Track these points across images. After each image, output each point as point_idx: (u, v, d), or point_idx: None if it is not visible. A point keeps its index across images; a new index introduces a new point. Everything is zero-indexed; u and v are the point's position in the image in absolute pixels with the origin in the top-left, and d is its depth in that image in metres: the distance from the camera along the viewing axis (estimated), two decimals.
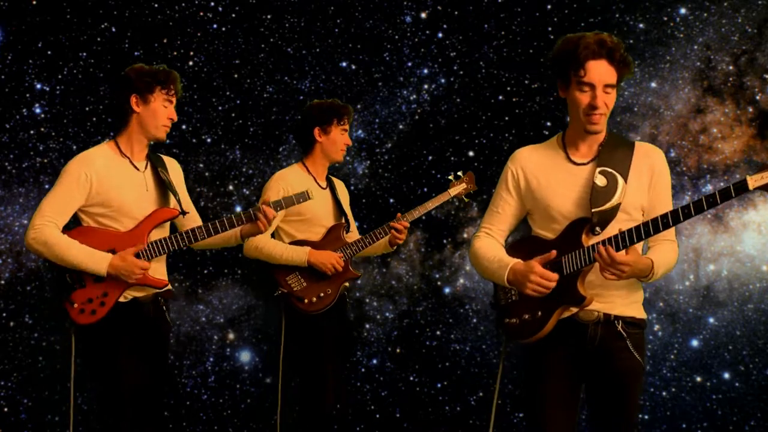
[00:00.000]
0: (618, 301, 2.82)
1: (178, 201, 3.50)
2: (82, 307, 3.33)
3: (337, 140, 4.19)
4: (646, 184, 2.83)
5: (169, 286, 3.57)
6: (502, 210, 2.95)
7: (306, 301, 4.03)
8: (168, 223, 3.49)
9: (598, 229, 2.75)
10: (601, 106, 2.73)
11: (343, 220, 4.23)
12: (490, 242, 2.94)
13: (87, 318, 3.34)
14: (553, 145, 2.92)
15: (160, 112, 3.41)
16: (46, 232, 3.28)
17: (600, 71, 2.70)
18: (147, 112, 3.41)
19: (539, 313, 2.79)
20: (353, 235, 4.31)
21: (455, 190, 4.36)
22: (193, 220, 3.61)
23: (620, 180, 2.78)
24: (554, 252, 2.73)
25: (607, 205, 2.76)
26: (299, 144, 4.30)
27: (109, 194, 3.34)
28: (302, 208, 4.04)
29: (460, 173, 4.40)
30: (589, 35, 2.73)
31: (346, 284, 4.16)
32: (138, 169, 3.44)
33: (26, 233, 3.33)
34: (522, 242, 2.96)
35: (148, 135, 3.45)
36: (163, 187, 3.47)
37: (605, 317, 2.79)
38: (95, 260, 3.29)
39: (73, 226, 3.38)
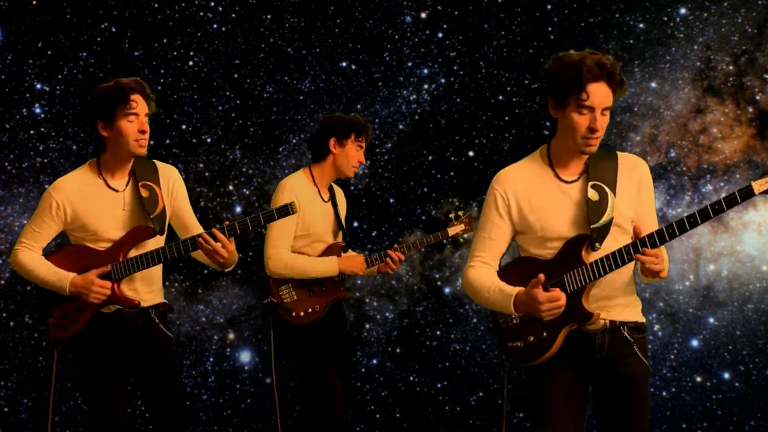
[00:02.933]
0: (620, 308, 2.82)
1: (155, 218, 3.40)
2: (57, 322, 3.40)
3: (351, 155, 4.14)
4: (633, 195, 2.82)
5: (162, 300, 3.55)
6: (495, 236, 2.87)
7: (294, 314, 4.05)
8: (150, 241, 3.42)
9: (597, 244, 2.74)
10: (599, 129, 2.70)
11: (341, 239, 4.25)
12: (485, 271, 2.87)
13: (60, 333, 3.40)
14: (538, 162, 2.87)
15: (126, 130, 3.29)
16: (19, 256, 3.42)
17: (600, 94, 2.67)
18: (114, 134, 3.32)
19: (544, 334, 2.77)
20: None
21: (453, 230, 4.41)
22: (194, 230, 3.54)
23: (610, 194, 2.77)
24: (541, 276, 2.65)
25: (603, 220, 2.75)
26: (312, 151, 4.25)
27: (83, 220, 3.37)
28: (308, 226, 4.06)
29: (460, 213, 4.44)
30: (587, 56, 2.67)
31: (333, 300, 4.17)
32: (115, 190, 3.40)
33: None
34: (516, 264, 2.90)
35: (125, 154, 3.36)
36: (142, 205, 3.40)
37: (611, 324, 2.79)
38: (59, 279, 3.35)
39: (64, 244, 3.48)
